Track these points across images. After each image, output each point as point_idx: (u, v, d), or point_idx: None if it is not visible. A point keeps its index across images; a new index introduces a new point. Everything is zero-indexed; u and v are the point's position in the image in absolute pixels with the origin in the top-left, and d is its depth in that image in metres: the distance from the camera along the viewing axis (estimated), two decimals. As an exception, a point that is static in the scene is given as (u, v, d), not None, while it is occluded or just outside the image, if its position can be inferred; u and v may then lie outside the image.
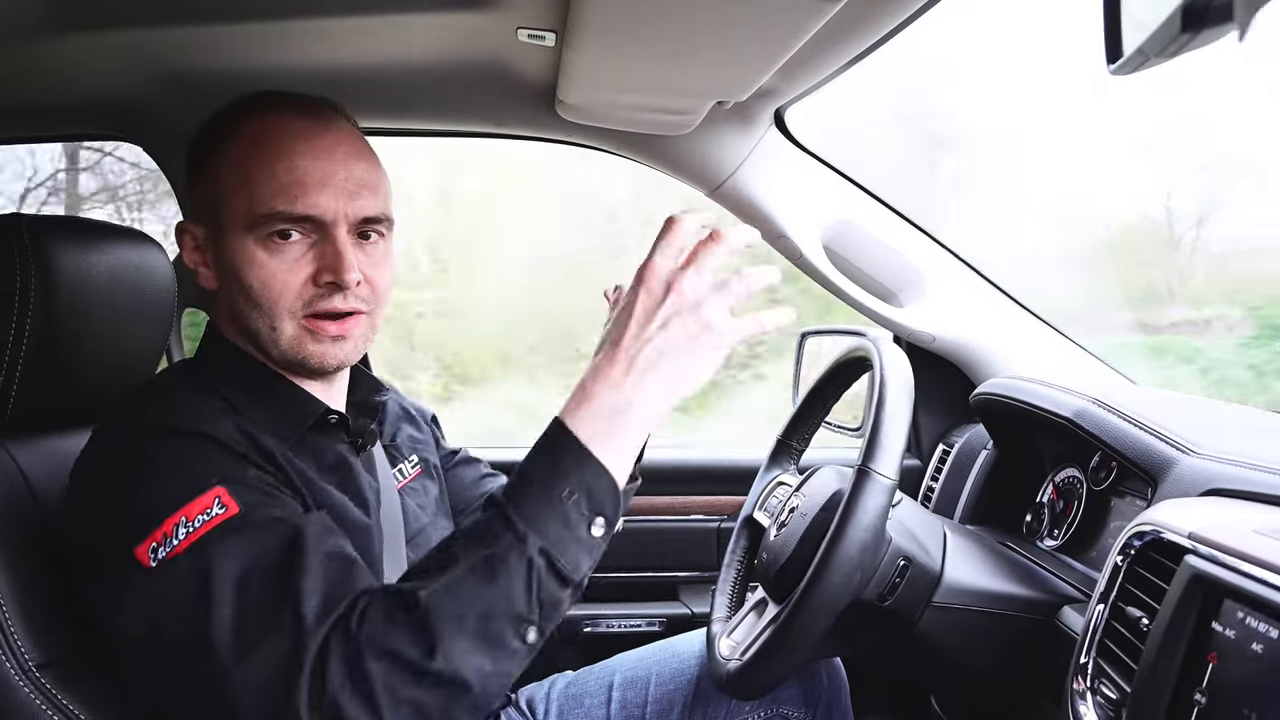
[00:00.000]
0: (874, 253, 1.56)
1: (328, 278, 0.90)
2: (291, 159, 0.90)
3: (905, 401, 0.96)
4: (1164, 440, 0.96)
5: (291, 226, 0.90)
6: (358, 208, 0.92)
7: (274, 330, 0.91)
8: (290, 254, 0.90)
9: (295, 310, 0.91)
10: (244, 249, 0.90)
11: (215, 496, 0.77)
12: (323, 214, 0.90)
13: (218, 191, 0.91)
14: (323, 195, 0.90)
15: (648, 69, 1.10)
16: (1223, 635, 0.65)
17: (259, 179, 0.89)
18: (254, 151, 0.90)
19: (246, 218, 0.89)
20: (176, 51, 1.21)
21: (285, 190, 0.88)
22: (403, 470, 1.15)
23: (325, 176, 0.90)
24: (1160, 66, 0.64)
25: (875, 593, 0.99)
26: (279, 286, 0.90)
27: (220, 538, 0.75)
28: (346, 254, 0.90)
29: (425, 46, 1.22)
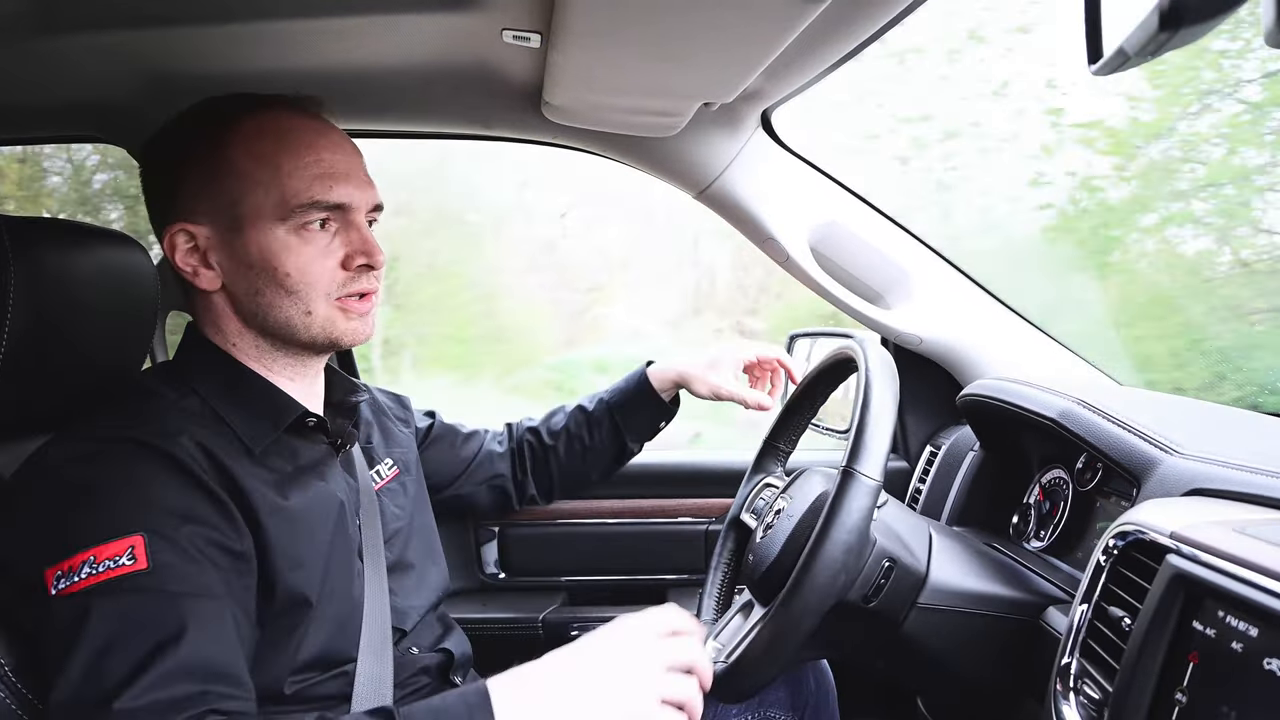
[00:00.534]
0: (861, 255, 1.56)
1: (361, 261, 0.97)
2: (318, 152, 0.96)
3: (890, 403, 0.96)
4: (1147, 440, 0.96)
5: (325, 215, 0.95)
6: (371, 197, 1.00)
7: (309, 314, 0.96)
8: (321, 241, 0.96)
9: (330, 293, 0.97)
10: (275, 239, 0.94)
11: (130, 546, 0.78)
12: (351, 202, 0.97)
13: (235, 186, 0.94)
14: (348, 185, 0.97)
15: (633, 70, 1.10)
16: (1203, 634, 0.66)
17: (292, 171, 0.94)
18: (278, 146, 0.95)
19: (279, 208, 0.93)
20: (161, 53, 1.20)
21: (319, 181, 0.94)
22: (380, 472, 1.16)
23: (347, 168, 0.97)
24: (1142, 66, 0.64)
25: (860, 594, 0.99)
26: (317, 271, 0.96)
27: (110, 594, 0.76)
28: (373, 239, 0.99)
29: (409, 48, 1.22)
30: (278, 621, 0.90)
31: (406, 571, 1.13)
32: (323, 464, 1.01)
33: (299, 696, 0.92)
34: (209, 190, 0.94)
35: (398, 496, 1.18)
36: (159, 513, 0.81)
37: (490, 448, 1.47)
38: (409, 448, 1.27)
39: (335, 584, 0.96)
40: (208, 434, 0.90)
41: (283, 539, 0.90)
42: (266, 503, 0.90)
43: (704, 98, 1.21)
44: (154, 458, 0.84)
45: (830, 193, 1.53)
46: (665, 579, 1.73)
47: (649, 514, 1.72)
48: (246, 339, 0.99)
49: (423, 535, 1.20)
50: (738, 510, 1.31)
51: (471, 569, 1.74)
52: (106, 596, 0.76)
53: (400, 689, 1.03)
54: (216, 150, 0.95)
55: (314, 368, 1.06)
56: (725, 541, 1.31)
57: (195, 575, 0.80)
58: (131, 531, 0.79)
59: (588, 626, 1.61)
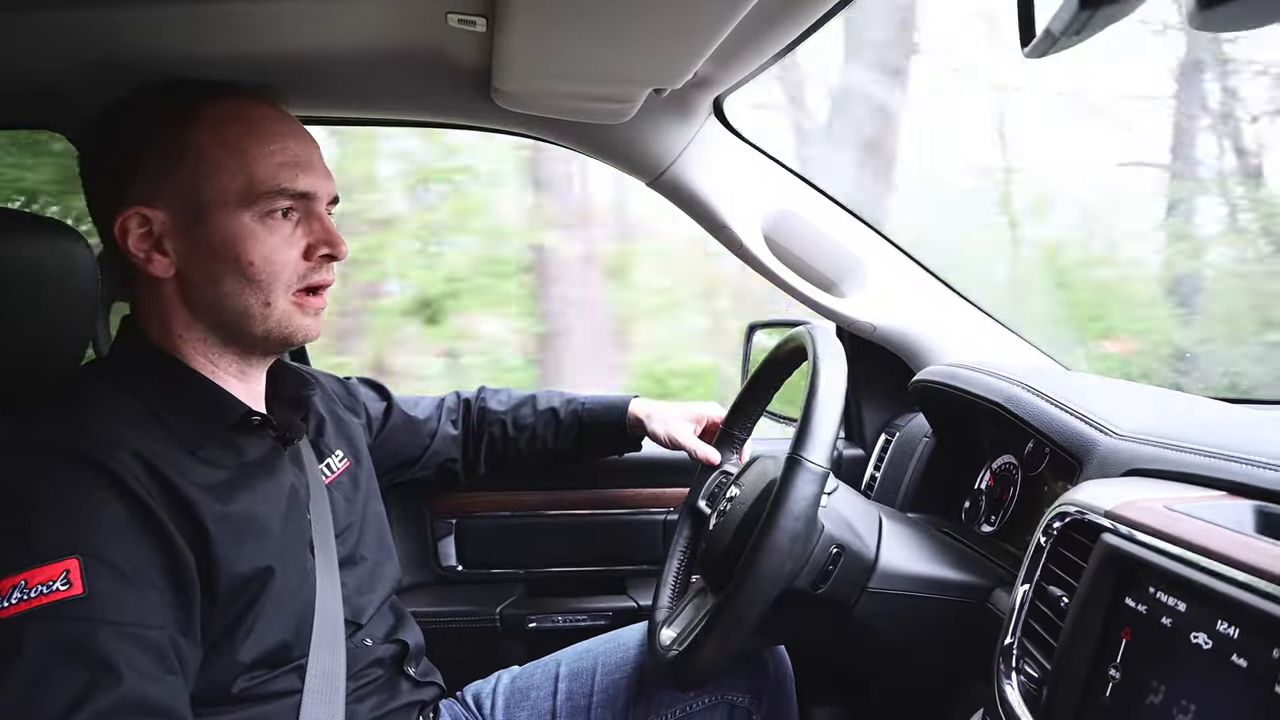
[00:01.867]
0: (814, 243, 1.56)
1: (324, 251, 0.97)
2: (284, 140, 0.95)
3: (838, 390, 0.97)
4: (1087, 423, 0.98)
5: (290, 203, 0.95)
6: (330, 188, 1.00)
7: (268, 306, 0.95)
8: (284, 229, 0.95)
9: (291, 284, 0.96)
10: (240, 226, 0.92)
11: (65, 570, 0.75)
12: (316, 191, 0.97)
13: (199, 171, 0.92)
14: (313, 175, 0.97)
15: (580, 55, 1.09)
16: (1136, 610, 0.67)
17: (258, 157, 0.93)
18: (245, 131, 0.94)
19: (244, 195, 0.92)
20: (101, 36, 1.17)
21: (286, 168, 0.94)
22: (330, 465, 1.14)
23: (311, 159, 0.98)
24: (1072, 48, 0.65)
25: (808, 581, 1.00)
26: (280, 260, 0.94)
27: (43, 621, 0.73)
28: (335, 230, 0.99)
29: (355, 33, 1.19)
30: (225, 623, 0.88)
31: (359, 565, 1.11)
32: (270, 459, 0.99)
33: (247, 695, 0.90)
34: (168, 174, 0.92)
35: (348, 489, 1.16)
36: (96, 534, 0.78)
37: (445, 430, 1.46)
38: (359, 437, 1.25)
39: (286, 581, 0.94)
40: (147, 441, 0.86)
41: (229, 542, 0.87)
42: (210, 509, 0.87)
43: (652, 83, 1.20)
44: (92, 474, 0.80)
45: (783, 181, 1.53)
46: (624, 569, 1.73)
47: (608, 504, 1.72)
48: (194, 331, 0.96)
49: (375, 527, 1.19)
50: (694, 498, 1.31)
51: (428, 562, 1.72)
52: (38, 624, 0.73)
53: (353, 681, 1.02)
54: (178, 133, 0.92)
55: (259, 368, 1.03)
56: (681, 529, 1.31)
57: (133, 602, 0.77)
58: (67, 554, 0.75)
59: (546, 618, 1.62)
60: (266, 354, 1.02)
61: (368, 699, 1.06)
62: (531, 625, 1.63)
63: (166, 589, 0.81)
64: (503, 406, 1.50)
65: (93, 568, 0.76)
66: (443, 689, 1.22)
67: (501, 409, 1.49)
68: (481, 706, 1.27)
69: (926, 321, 1.58)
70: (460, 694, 1.30)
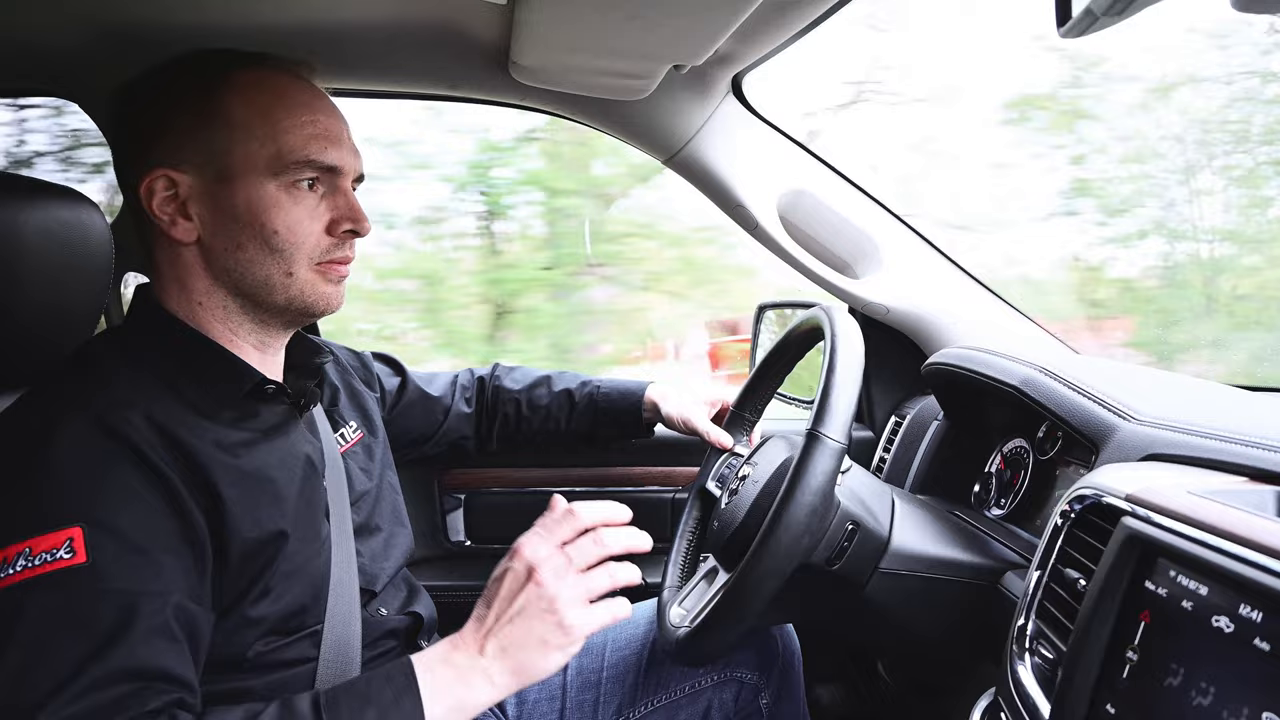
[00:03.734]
0: (830, 224, 1.56)
1: (347, 226, 0.97)
2: (315, 114, 0.95)
3: (855, 367, 0.97)
4: (1105, 407, 0.98)
5: (317, 175, 0.94)
6: (358, 164, 1.01)
7: (289, 275, 0.95)
8: (309, 201, 0.95)
9: (314, 256, 0.96)
10: (266, 194, 0.93)
11: (68, 538, 0.75)
12: (344, 166, 0.97)
13: (227, 136, 0.92)
14: (342, 149, 0.97)
15: (601, 30, 1.08)
16: (1155, 593, 0.67)
17: (289, 127, 0.93)
18: (277, 100, 0.94)
19: (272, 163, 0.92)
20: (118, 6, 1.16)
21: (316, 140, 0.94)
22: (345, 435, 1.14)
23: (341, 134, 0.98)
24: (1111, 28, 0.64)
25: (824, 556, 1.00)
26: (304, 231, 0.95)
27: (45, 589, 0.73)
28: (360, 206, 0.99)
29: (376, 6, 1.19)
30: (240, 587, 0.88)
31: (374, 534, 1.12)
32: (285, 425, 1.00)
33: (262, 661, 0.91)
34: (197, 137, 0.92)
35: (362, 459, 1.16)
36: (102, 500, 0.78)
37: (458, 408, 1.46)
38: (373, 409, 1.26)
39: (301, 547, 0.94)
40: (159, 405, 0.86)
41: (243, 505, 0.87)
42: (226, 471, 0.87)
43: (673, 59, 1.19)
44: (100, 437, 0.80)
45: (800, 161, 1.52)
46: None
47: (616, 482, 1.72)
48: (214, 298, 0.96)
49: (389, 497, 1.19)
50: (703, 479, 1.31)
51: (437, 536, 1.73)
52: (41, 592, 0.73)
53: (368, 650, 1.02)
54: (209, 98, 0.93)
55: (279, 340, 1.03)
56: (690, 510, 1.31)
57: (138, 569, 0.77)
58: (71, 522, 0.75)
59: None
60: (287, 325, 1.02)
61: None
62: None
63: (176, 552, 0.81)
64: (518, 385, 1.50)
65: (96, 535, 0.76)
66: None
67: (516, 388, 1.49)
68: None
69: (940, 304, 1.58)
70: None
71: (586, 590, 0.86)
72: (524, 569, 0.85)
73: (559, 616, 0.84)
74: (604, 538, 0.88)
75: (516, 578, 0.86)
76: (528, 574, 0.85)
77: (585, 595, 0.85)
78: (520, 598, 0.84)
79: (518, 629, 0.84)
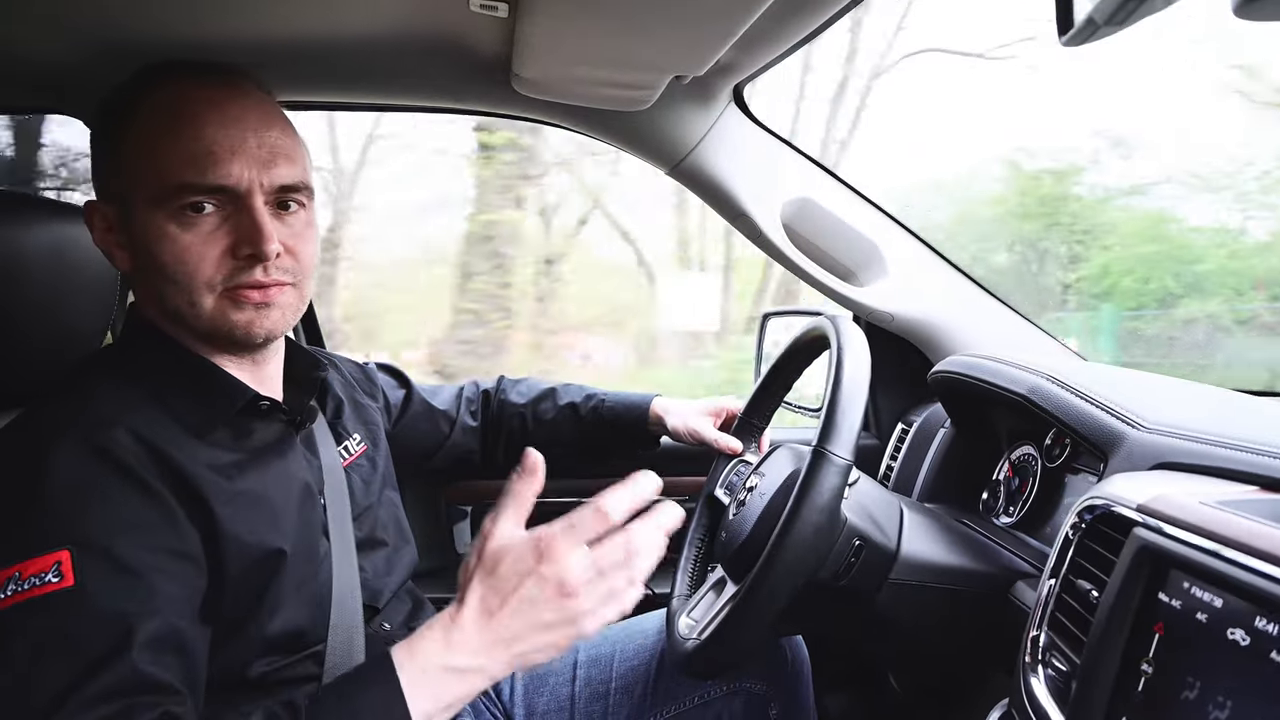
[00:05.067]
0: (834, 232, 1.55)
1: (246, 250, 0.88)
2: (199, 128, 0.87)
3: (862, 382, 0.96)
4: (1114, 415, 0.97)
5: (204, 199, 0.87)
6: (274, 176, 0.90)
7: (193, 306, 0.89)
8: (203, 227, 0.88)
9: (214, 284, 0.89)
10: (154, 224, 0.87)
11: (56, 561, 0.74)
12: (236, 183, 0.88)
13: (123, 167, 0.88)
14: (234, 164, 0.87)
15: (603, 42, 1.08)
16: (1169, 605, 0.66)
17: (165, 150, 0.86)
18: (159, 122, 0.87)
19: (156, 191, 0.86)
20: (115, 15, 1.16)
21: (195, 160, 0.86)
22: (348, 448, 1.13)
23: (236, 145, 0.88)
24: (1113, 36, 0.63)
25: (830, 573, 0.99)
26: (194, 260, 0.87)
27: (33, 613, 0.72)
28: (265, 224, 0.89)
29: (376, 18, 1.19)
30: (239, 606, 0.87)
31: (377, 549, 1.11)
32: (281, 443, 0.98)
33: (266, 681, 0.90)
34: (107, 168, 0.91)
35: (366, 472, 1.16)
36: (90, 522, 0.77)
37: (463, 422, 1.46)
38: (377, 422, 1.25)
39: (300, 565, 0.93)
40: (147, 421, 0.85)
41: (240, 524, 0.86)
42: (219, 490, 0.86)
43: (675, 70, 1.19)
44: (88, 456, 0.79)
45: (803, 169, 1.52)
46: None
47: None
48: (171, 323, 0.94)
49: (392, 512, 1.19)
50: (712, 486, 1.31)
51: (443, 547, 1.73)
52: (29, 616, 0.72)
53: None
54: (114, 126, 0.90)
55: (248, 356, 0.98)
56: (699, 518, 1.31)
57: (128, 590, 0.76)
58: (59, 545, 0.74)
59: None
60: (235, 349, 0.96)
61: None
62: None
63: (168, 572, 0.80)
64: (523, 399, 1.49)
65: (84, 558, 0.75)
66: None
67: (522, 401, 1.49)
68: (500, 692, 1.28)
69: (946, 312, 1.57)
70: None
71: (608, 591, 0.76)
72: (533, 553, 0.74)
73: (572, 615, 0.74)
74: (636, 545, 0.77)
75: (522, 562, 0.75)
76: (537, 556, 0.74)
77: (604, 596, 0.76)
78: (529, 587, 0.74)
79: (524, 622, 0.74)
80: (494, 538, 0.77)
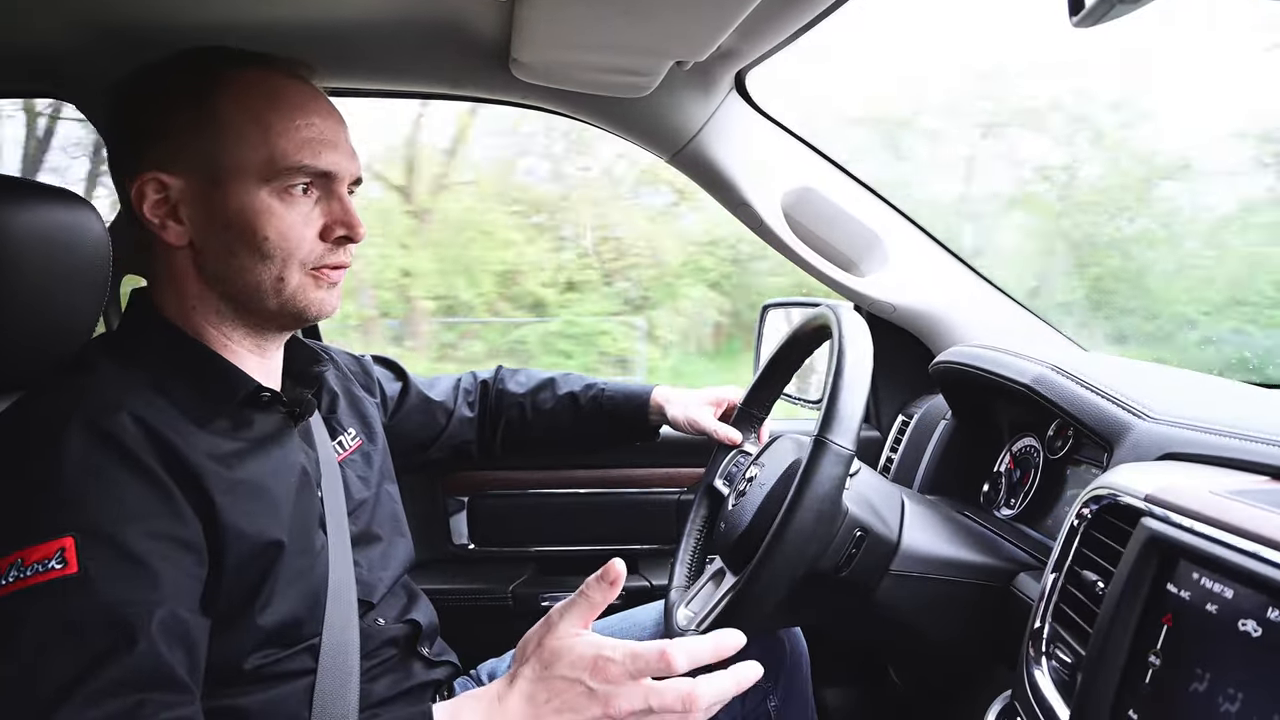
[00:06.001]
0: (835, 221, 1.54)
1: (340, 232, 0.95)
2: (309, 116, 0.93)
3: (864, 372, 0.95)
4: (1120, 405, 0.96)
5: (309, 181, 0.93)
6: (355, 168, 0.98)
7: (281, 281, 0.93)
8: (302, 207, 0.93)
9: (306, 263, 0.94)
10: (258, 199, 0.91)
11: (60, 548, 0.73)
12: (339, 171, 0.95)
13: (219, 140, 0.90)
14: (336, 154, 0.95)
15: (602, 26, 1.06)
16: (1178, 596, 0.65)
17: (282, 131, 0.91)
18: (268, 104, 0.92)
19: (264, 168, 0.90)
20: (113, 5, 1.15)
21: (309, 145, 0.92)
22: (343, 443, 1.13)
23: (336, 137, 0.96)
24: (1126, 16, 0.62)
25: (831, 563, 0.98)
26: (296, 238, 0.93)
27: (39, 600, 0.72)
28: (355, 211, 0.97)
29: (375, 4, 1.17)
30: (236, 597, 0.86)
31: (372, 543, 1.10)
32: (280, 435, 0.98)
33: (260, 674, 0.89)
34: (190, 140, 0.90)
35: (361, 467, 1.15)
36: (94, 508, 0.76)
37: (461, 413, 1.44)
38: (373, 415, 1.24)
39: (298, 557, 0.92)
40: (149, 408, 0.84)
41: (238, 514, 0.86)
42: (219, 479, 0.85)
43: (675, 56, 1.17)
44: (92, 441, 0.79)
45: (804, 158, 1.51)
46: (636, 549, 1.72)
47: (620, 484, 1.71)
48: (207, 302, 0.94)
49: (388, 506, 1.18)
50: (711, 477, 1.30)
51: (440, 540, 1.72)
52: (34, 603, 0.71)
53: (366, 661, 1.01)
54: (201, 99, 0.91)
55: (275, 343, 1.02)
56: (698, 508, 1.30)
57: (131, 578, 0.75)
58: (62, 532, 0.73)
59: (557, 597, 1.62)
60: (281, 329, 1.00)
61: (381, 679, 1.05)
62: (544, 604, 1.62)
63: (171, 559, 0.79)
64: (521, 389, 1.48)
65: (88, 544, 0.74)
66: (457, 667, 1.21)
67: (520, 391, 1.48)
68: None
69: (947, 302, 1.56)
70: (475, 672, 1.29)
71: None
72: (590, 667, 0.73)
73: None
74: (698, 698, 0.72)
75: (577, 670, 0.73)
76: (593, 670, 0.73)
77: None
78: (577, 696, 0.73)
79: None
80: (557, 634, 0.77)
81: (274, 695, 0.90)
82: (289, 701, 0.91)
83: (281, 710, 0.90)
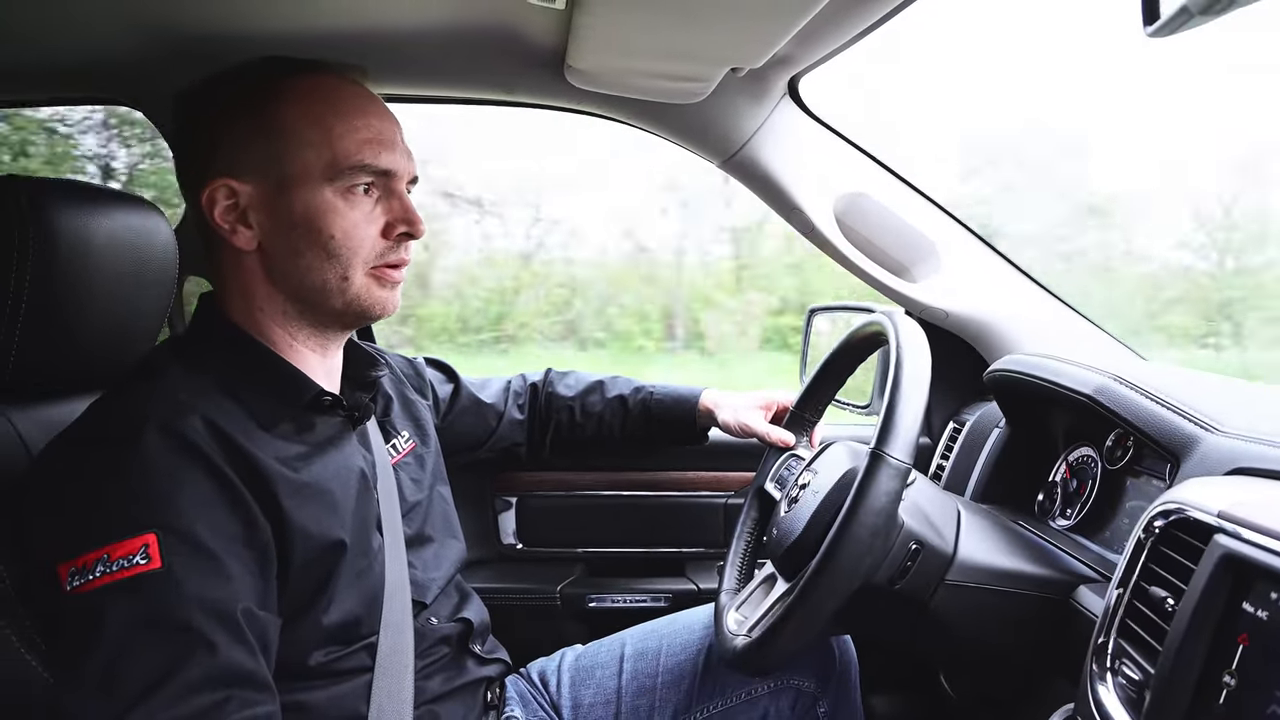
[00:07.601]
0: (887, 226, 1.53)
1: (402, 229, 0.98)
2: (368, 118, 0.96)
3: (922, 383, 0.94)
4: (1187, 418, 0.94)
5: (371, 180, 0.96)
6: (412, 167, 1.01)
7: (345, 280, 0.96)
8: (364, 206, 0.96)
9: (369, 260, 0.97)
10: (323, 200, 0.94)
11: (144, 544, 0.76)
12: (398, 169, 0.98)
13: (284, 144, 0.93)
14: (395, 153, 0.98)
15: (660, 33, 1.07)
16: (1254, 616, 0.64)
17: (343, 133, 0.94)
18: (329, 108, 0.95)
19: (329, 169, 0.93)
20: (178, 12, 1.18)
21: (370, 145, 0.95)
22: (396, 445, 1.15)
23: (394, 137, 0.99)
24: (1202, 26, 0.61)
25: (886, 576, 0.98)
26: (360, 236, 0.96)
27: (124, 595, 0.74)
28: (414, 208, 1.00)
29: (430, 11, 1.19)
30: (301, 596, 0.89)
31: (425, 545, 1.12)
32: (339, 438, 1.00)
33: (324, 670, 0.91)
34: (256, 147, 0.93)
35: (414, 470, 1.17)
36: (173, 506, 0.79)
37: (511, 415, 1.46)
38: (426, 418, 1.26)
39: (358, 558, 0.95)
40: (219, 411, 0.87)
41: (304, 516, 0.88)
42: (286, 482, 0.88)
43: (732, 62, 1.17)
44: (169, 442, 0.81)
45: (857, 163, 1.50)
46: (683, 552, 1.73)
47: (668, 486, 1.71)
48: (274, 304, 0.97)
49: (440, 508, 1.20)
50: (762, 480, 1.30)
51: (489, 539, 1.74)
52: (120, 598, 0.74)
53: (420, 659, 1.03)
54: (266, 107, 0.94)
55: (336, 343, 1.04)
56: (749, 511, 1.30)
57: (210, 575, 0.78)
58: (146, 528, 0.76)
59: (604, 598, 1.63)
60: (344, 328, 1.03)
61: (435, 676, 1.07)
62: (591, 604, 1.64)
63: (243, 559, 0.82)
64: (570, 391, 1.49)
65: (170, 541, 0.77)
66: (508, 665, 1.23)
67: (569, 394, 1.49)
68: (547, 684, 1.28)
69: (1002, 310, 1.54)
70: (525, 670, 1.31)
71: None
72: None
73: None
74: None
75: None
76: None
77: None
78: None
79: None
80: None
81: (335, 691, 0.93)
82: (349, 697, 0.93)
83: (342, 705, 0.93)
